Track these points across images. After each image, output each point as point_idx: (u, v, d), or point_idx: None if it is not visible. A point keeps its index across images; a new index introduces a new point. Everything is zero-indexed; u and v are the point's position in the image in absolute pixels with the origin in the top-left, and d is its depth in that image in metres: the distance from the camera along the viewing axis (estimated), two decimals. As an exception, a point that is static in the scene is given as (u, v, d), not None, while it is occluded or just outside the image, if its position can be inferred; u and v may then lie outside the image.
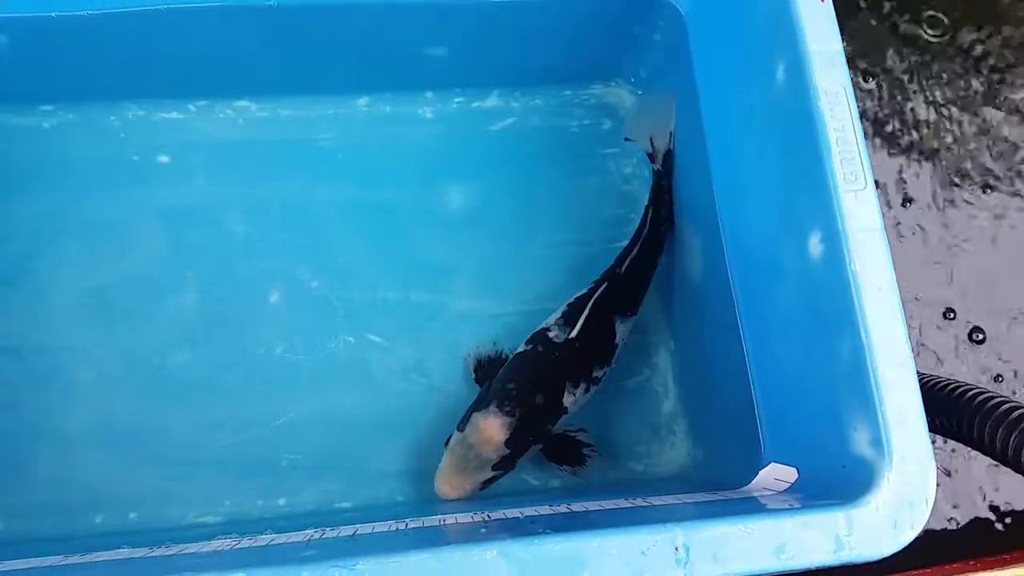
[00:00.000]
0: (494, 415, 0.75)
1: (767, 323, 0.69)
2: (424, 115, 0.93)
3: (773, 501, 0.62)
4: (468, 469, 0.75)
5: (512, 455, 0.75)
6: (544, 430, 0.77)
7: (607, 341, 0.80)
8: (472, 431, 0.75)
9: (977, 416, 0.69)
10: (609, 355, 0.80)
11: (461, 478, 0.75)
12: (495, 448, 0.74)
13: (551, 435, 0.78)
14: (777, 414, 0.69)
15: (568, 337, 0.78)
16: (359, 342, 0.85)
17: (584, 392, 0.78)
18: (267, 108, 0.91)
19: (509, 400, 0.75)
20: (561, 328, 0.79)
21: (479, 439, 0.74)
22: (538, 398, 0.76)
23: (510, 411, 0.75)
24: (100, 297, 0.84)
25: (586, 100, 0.94)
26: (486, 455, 0.74)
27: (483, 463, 0.75)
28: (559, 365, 0.77)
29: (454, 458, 0.75)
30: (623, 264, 0.82)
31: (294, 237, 0.87)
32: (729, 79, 0.75)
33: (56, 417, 0.80)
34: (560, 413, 0.77)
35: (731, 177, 0.75)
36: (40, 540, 0.76)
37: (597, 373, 0.79)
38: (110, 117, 0.88)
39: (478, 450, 0.74)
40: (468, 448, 0.75)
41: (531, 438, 0.77)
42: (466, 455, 0.75)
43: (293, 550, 0.57)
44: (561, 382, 0.77)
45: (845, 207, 0.60)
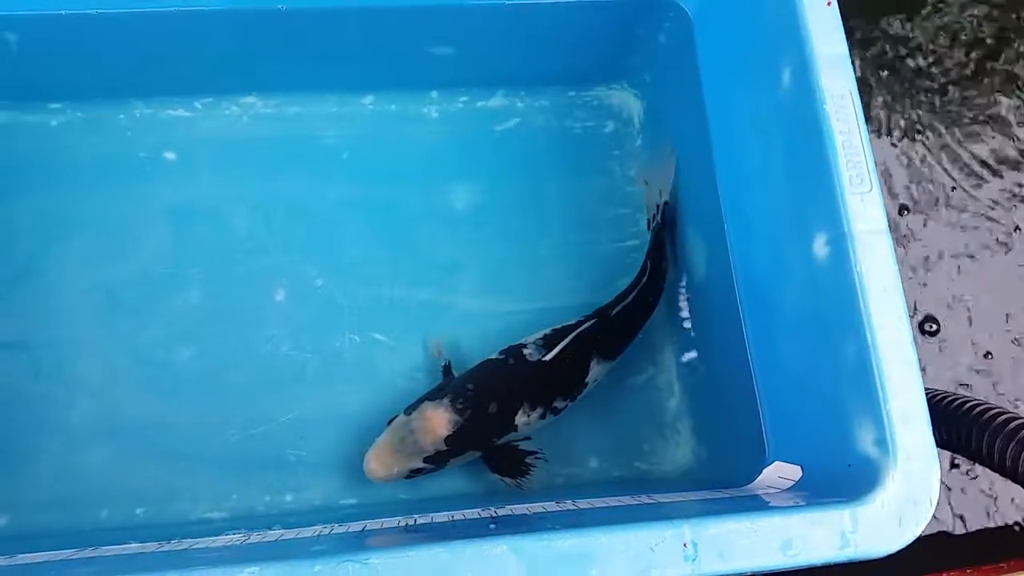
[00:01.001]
0: (444, 409, 0.75)
1: (771, 323, 0.70)
2: (429, 114, 0.93)
3: (778, 499, 0.63)
4: (401, 453, 0.75)
5: (447, 453, 0.75)
6: (487, 440, 0.77)
7: (578, 377, 0.79)
8: (418, 417, 0.75)
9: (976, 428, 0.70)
10: (575, 391, 0.79)
11: (391, 459, 0.74)
12: (434, 440, 0.74)
13: (493, 447, 0.78)
14: (781, 413, 0.70)
15: (540, 359, 0.78)
16: (364, 340, 0.85)
17: (539, 418, 0.78)
18: (272, 105, 0.91)
19: (464, 400, 0.76)
20: (537, 349, 0.79)
21: (421, 427, 0.75)
22: (492, 407, 0.76)
23: (460, 410, 0.75)
24: (106, 293, 0.84)
25: (590, 102, 0.95)
26: (423, 444, 0.74)
27: (417, 451, 0.74)
28: (523, 383, 0.77)
29: (391, 438, 0.75)
30: (615, 308, 0.82)
31: (299, 235, 0.88)
32: (735, 82, 0.76)
33: (62, 412, 0.81)
34: (509, 429, 0.77)
35: (736, 179, 0.76)
36: (46, 535, 0.77)
37: (558, 404, 0.79)
38: (117, 115, 0.89)
39: (417, 437, 0.74)
40: (408, 432, 0.75)
41: (472, 444, 0.76)
42: (404, 438, 0.75)
43: (304, 545, 0.58)
44: (520, 400, 0.77)
45: (851, 209, 0.61)
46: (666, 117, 0.90)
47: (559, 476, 0.83)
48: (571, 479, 0.83)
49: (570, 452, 0.84)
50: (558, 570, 0.52)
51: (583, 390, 0.80)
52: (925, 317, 0.96)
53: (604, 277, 0.89)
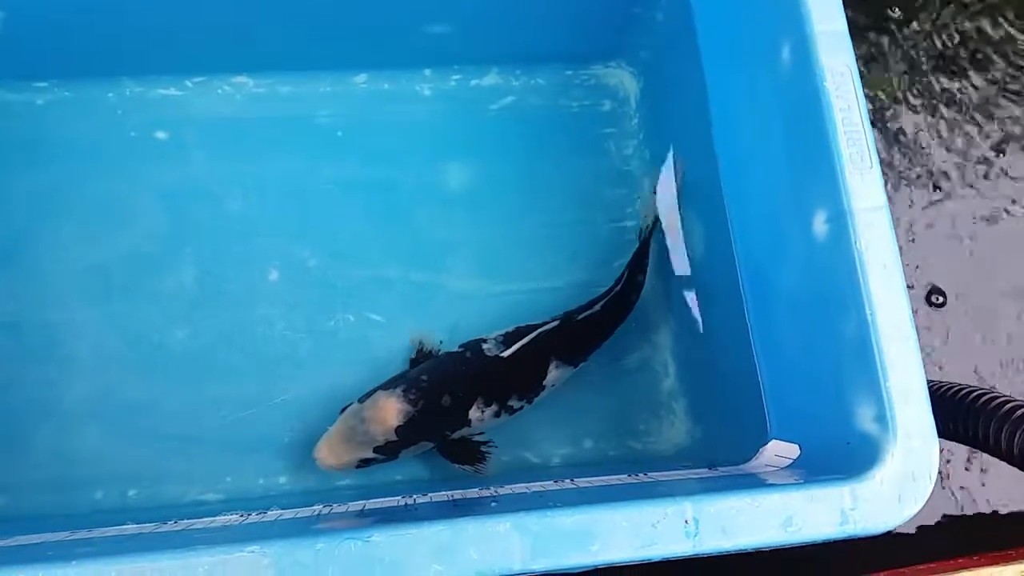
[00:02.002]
0: (396, 398, 0.75)
1: (772, 302, 0.70)
2: (422, 92, 0.92)
3: (776, 477, 0.63)
4: (352, 442, 0.74)
5: (399, 444, 0.75)
6: (439, 432, 0.77)
7: (535, 378, 0.78)
8: (370, 407, 0.75)
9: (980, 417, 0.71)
10: (533, 392, 0.78)
11: (342, 448, 0.74)
12: (385, 430, 0.74)
13: (446, 440, 0.78)
14: (780, 392, 0.70)
15: (498, 355, 0.77)
16: (359, 320, 0.85)
17: (494, 415, 0.77)
18: (265, 84, 0.90)
19: (417, 390, 0.75)
20: (497, 345, 0.78)
21: (373, 416, 0.74)
22: (445, 400, 0.75)
23: (413, 401, 0.75)
24: (99, 274, 0.83)
25: (587, 80, 0.94)
26: (374, 434, 0.74)
27: (368, 441, 0.74)
28: (478, 378, 0.76)
29: (343, 427, 0.75)
30: (581, 313, 0.81)
31: (293, 215, 0.87)
32: (733, 59, 0.76)
33: (55, 393, 0.80)
34: (462, 423, 0.77)
35: (736, 157, 0.76)
36: (40, 517, 0.76)
37: (514, 403, 0.78)
38: (107, 94, 0.87)
39: (368, 427, 0.74)
40: (360, 421, 0.74)
41: (424, 435, 0.76)
42: (355, 428, 0.74)
43: (303, 524, 0.58)
44: (474, 395, 0.76)
45: (851, 187, 0.61)
46: (664, 96, 0.90)
47: (555, 456, 0.83)
48: (567, 459, 0.83)
49: (565, 432, 0.84)
50: (561, 547, 0.52)
51: (540, 392, 0.79)
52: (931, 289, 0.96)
53: (600, 257, 0.89)
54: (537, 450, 0.83)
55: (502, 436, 0.82)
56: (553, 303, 0.86)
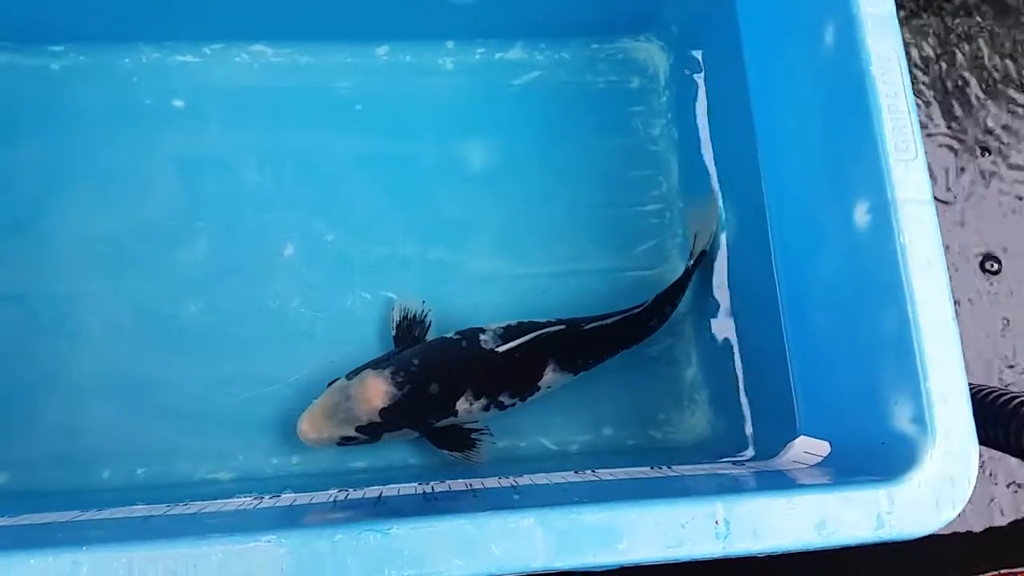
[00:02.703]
0: (384, 380, 0.73)
1: (806, 291, 0.68)
2: (445, 66, 0.90)
3: (805, 475, 0.61)
4: (334, 418, 0.72)
5: (381, 426, 0.73)
6: (424, 420, 0.75)
7: (531, 378, 0.76)
8: (356, 384, 0.73)
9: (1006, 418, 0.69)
10: (526, 391, 0.76)
11: (324, 423, 0.72)
12: (368, 411, 0.72)
13: (431, 429, 0.76)
14: (811, 386, 0.68)
15: (494, 349, 0.75)
16: (376, 299, 0.83)
17: (483, 408, 0.75)
18: (284, 54, 0.87)
19: (406, 374, 0.73)
20: (495, 338, 0.75)
21: (358, 395, 0.72)
22: (433, 387, 0.73)
23: (400, 384, 0.73)
24: (110, 244, 0.81)
25: (614, 55, 0.91)
26: (357, 412, 0.72)
27: (350, 419, 0.72)
28: (470, 370, 0.74)
29: (327, 401, 0.73)
30: (590, 323, 0.77)
31: (310, 188, 0.85)
32: (771, 38, 0.73)
33: (63, 367, 0.78)
34: (449, 414, 0.74)
35: (773, 139, 0.73)
36: (46, 493, 0.75)
37: (505, 399, 0.75)
38: (123, 59, 0.85)
39: (352, 404, 0.72)
40: (345, 398, 0.73)
41: (408, 421, 0.74)
42: (339, 404, 0.73)
43: (319, 511, 0.56)
44: (464, 386, 0.74)
45: (895, 177, 0.58)
46: (695, 73, 0.87)
47: (573, 443, 0.81)
48: (585, 446, 0.81)
49: (584, 419, 0.82)
50: (586, 544, 0.50)
51: (535, 393, 0.77)
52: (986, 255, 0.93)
53: (624, 241, 0.86)
54: (555, 437, 0.81)
55: (519, 421, 0.80)
56: (575, 288, 0.85)
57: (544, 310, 0.83)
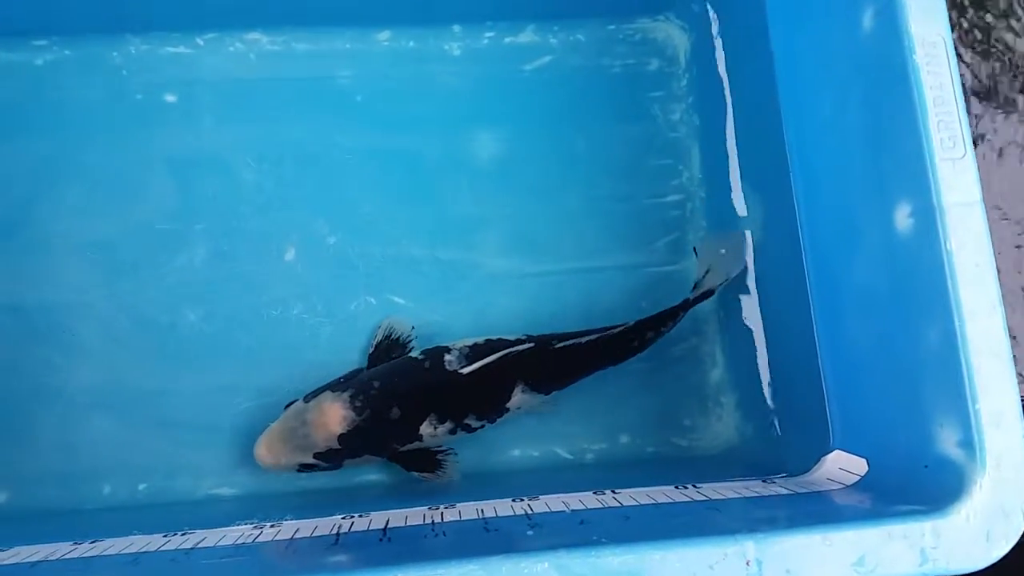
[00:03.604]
0: (342, 404, 0.69)
1: (841, 297, 0.63)
2: (451, 52, 0.85)
3: (843, 498, 0.57)
4: (290, 444, 0.69)
5: (341, 453, 0.69)
6: (387, 446, 0.71)
7: (498, 400, 0.71)
8: (313, 409, 0.69)
9: None
10: (494, 413, 0.72)
11: (280, 449, 0.69)
12: (326, 437, 0.69)
13: (396, 453, 0.71)
14: (846, 397, 0.63)
15: (458, 371, 0.70)
16: (381, 303, 0.79)
17: (448, 432, 0.71)
18: (280, 42, 0.83)
19: (366, 398, 0.69)
20: (460, 358, 0.71)
21: (315, 420, 0.69)
22: (394, 412, 0.69)
23: (360, 409, 0.69)
24: (104, 250, 0.77)
25: (631, 36, 0.86)
26: (314, 439, 0.69)
27: (307, 445, 0.69)
28: (434, 392, 0.70)
29: (284, 426, 0.70)
30: (562, 342, 0.72)
31: (310, 187, 0.80)
32: (804, 18, 0.67)
33: (60, 379, 0.75)
34: (412, 439, 0.70)
35: (804, 131, 0.68)
36: (46, 513, 0.72)
37: (472, 422, 0.71)
38: (111, 52, 0.81)
39: (309, 430, 0.69)
40: (301, 423, 0.69)
41: (369, 448, 0.70)
42: (296, 429, 0.69)
43: (322, 549, 0.53)
44: (427, 410, 0.70)
45: (941, 177, 0.53)
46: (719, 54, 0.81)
47: (589, 452, 0.78)
48: (602, 455, 0.77)
49: (601, 425, 0.78)
50: (606, 591, 0.46)
51: (504, 415, 0.72)
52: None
53: (642, 235, 0.82)
54: (570, 445, 0.78)
55: (532, 427, 0.77)
56: (592, 284, 0.80)
57: (560, 309, 0.80)
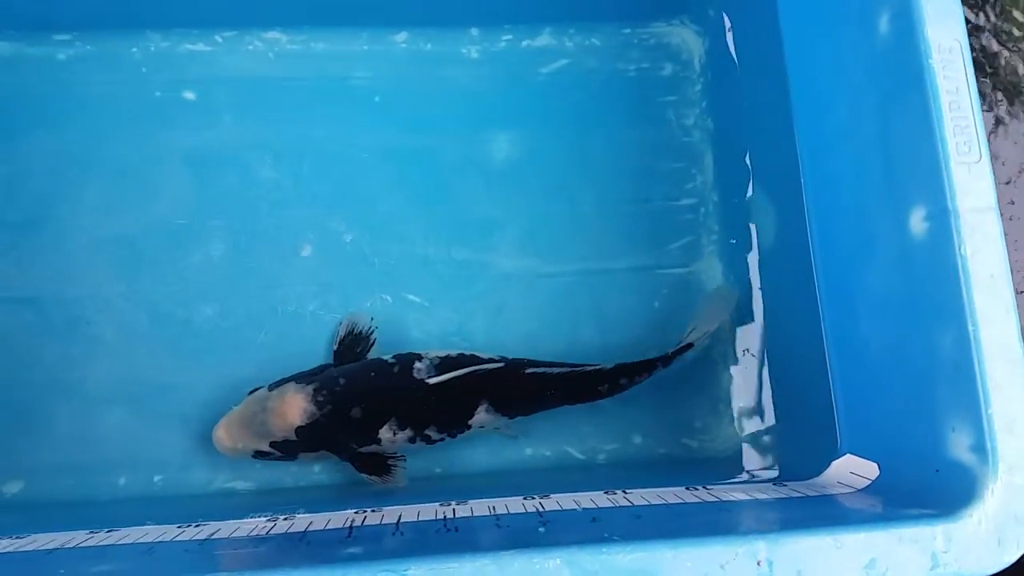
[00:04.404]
0: (304, 397, 0.69)
1: (853, 301, 0.63)
2: (468, 54, 0.85)
3: (854, 501, 0.57)
4: (248, 429, 0.69)
5: (297, 445, 0.69)
6: (345, 445, 0.71)
7: (460, 415, 0.71)
8: (275, 397, 0.70)
9: None
10: (455, 428, 0.72)
11: (239, 434, 0.69)
12: (284, 427, 0.69)
13: (354, 453, 0.72)
14: (857, 401, 0.63)
15: (425, 380, 0.70)
16: (397, 301, 0.79)
17: (407, 440, 0.71)
18: (299, 41, 0.84)
19: (329, 394, 0.69)
20: (429, 368, 0.70)
21: (274, 408, 0.69)
22: (355, 412, 0.69)
23: (321, 404, 0.69)
24: (123, 245, 0.78)
25: (646, 40, 0.86)
26: (272, 427, 0.69)
27: (265, 433, 0.69)
28: (397, 398, 0.70)
29: (244, 412, 0.70)
30: (531, 367, 0.72)
31: (327, 185, 0.81)
32: (819, 22, 0.67)
33: (77, 372, 0.76)
34: (371, 441, 0.70)
35: (817, 135, 0.68)
36: (60, 504, 0.73)
37: (432, 433, 0.71)
38: (131, 48, 0.81)
39: (268, 417, 0.69)
40: (261, 410, 0.69)
41: (325, 444, 0.71)
42: (255, 415, 0.69)
43: (335, 541, 0.53)
44: (388, 414, 0.70)
45: (956, 182, 0.54)
46: (733, 59, 0.82)
47: (601, 452, 0.78)
48: (613, 455, 0.78)
49: (613, 426, 0.78)
50: (617, 588, 0.46)
51: (465, 431, 0.72)
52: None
53: (656, 238, 0.82)
54: (582, 445, 0.78)
55: (545, 427, 0.77)
56: (605, 286, 0.81)
57: (573, 311, 0.80)
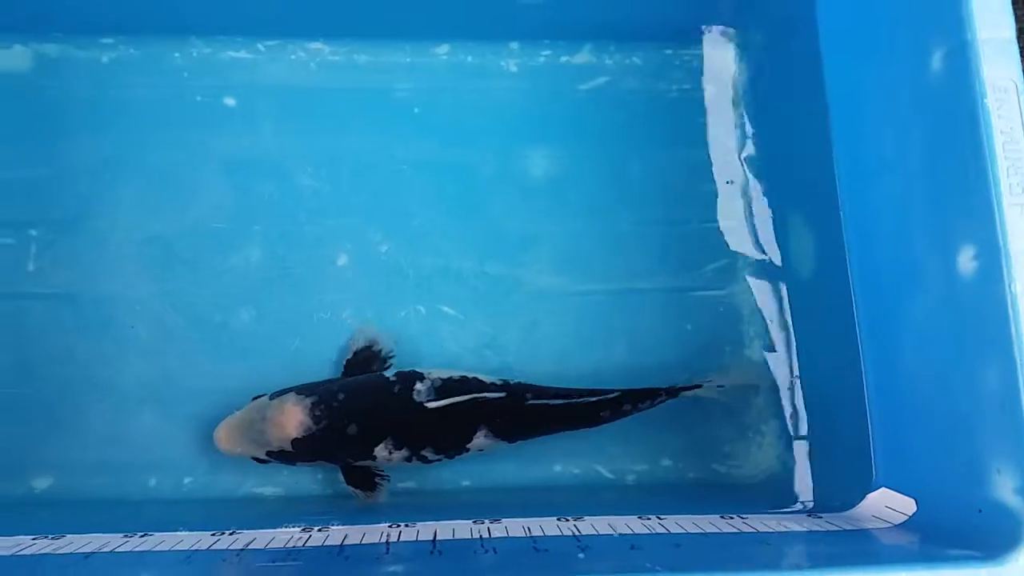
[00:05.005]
0: (302, 410, 0.70)
1: (894, 334, 0.63)
2: (508, 68, 0.85)
3: (892, 537, 0.57)
4: (247, 436, 0.70)
5: (293, 455, 0.70)
6: (339, 458, 0.72)
7: (459, 439, 0.71)
8: (275, 407, 0.70)
9: None
10: (452, 450, 0.72)
11: (238, 438, 0.70)
12: (280, 438, 0.69)
13: (349, 466, 0.72)
14: (895, 435, 0.63)
15: (424, 403, 0.70)
16: (430, 313, 0.80)
17: (404, 459, 0.71)
18: (341, 52, 0.84)
19: (327, 408, 0.70)
20: (430, 390, 0.71)
21: (272, 418, 0.69)
22: (352, 428, 0.70)
23: (319, 418, 0.69)
24: (161, 247, 0.79)
25: (688, 61, 0.86)
26: (269, 437, 0.69)
27: (262, 441, 0.70)
28: (395, 419, 0.70)
29: (244, 418, 0.71)
30: (534, 399, 0.72)
31: (365, 195, 0.81)
32: (866, 55, 0.67)
33: (111, 371, 0.76)
34: (366, 457, 0.71)
35: (860, 166, 0.68)
36: (90, 501, 0.74)
37: (428, 455, 0.71)
38: (173, 53, 0.82)
39: (266, 427, 0.69)
40: (261, 419, 0.70)
41: (321, 456, 0.71)
42: (254, 423, 0.70)
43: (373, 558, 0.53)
44: (384, 433, 0.70)
45: (1008, 223, 0.53)
46: (774, 84, 0.82)
47: (630, 473, 0.78)
48: (642, 477, 0.78)
49: (643, 448, 0.78)
50: (658, 619, 0.46)
51: (463, 454, 0.72)
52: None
53: (690, 260, 0.82)
54: (611, 465, 0.78)
55: (576, 446, 0.77)
56: (638, 306, 0.81)
57: (606, 329, 0.80)
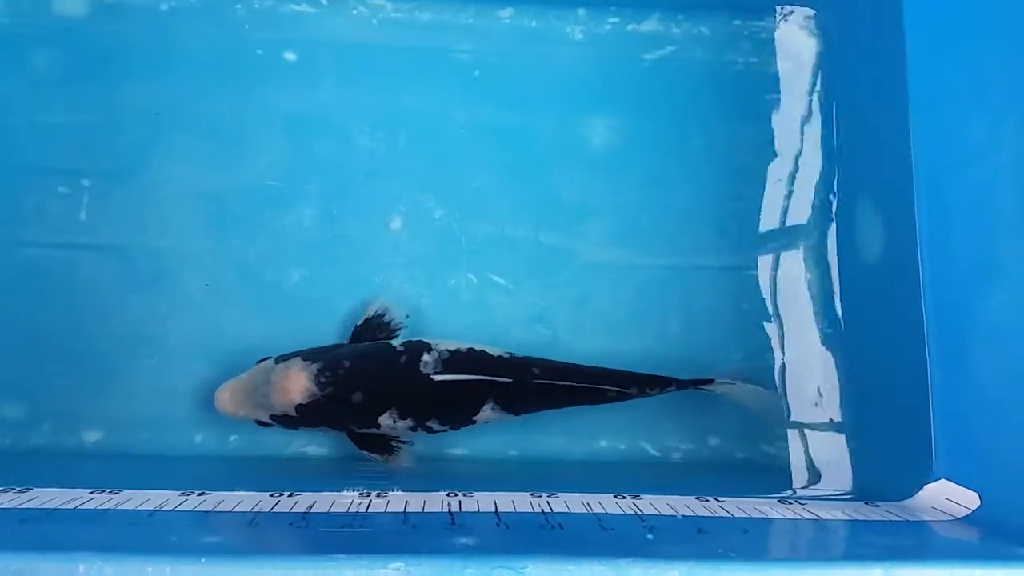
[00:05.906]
0: (307, 376, 0.69)
1: (965, 327, 0.62)
2: (572, 35, 0.83)
3: (951, 531, 0.57)
4: (250, 398, 0.70)
5: (297, 420, 0.70)
6: (343, 425, 0.72)
7: (466, 411, 0.71)
8: (280, 371, 0.70)
9: None
10: (459, 422, 0.72)
11: (240, 400, 0.70)
12: (284, 403, 0.69)
13: (353, 433, 0.72)
14: (960, 428, 0.62)
15: (430, 375, 0.69)
16: (482, 282, 0.79)
17: (408, 428, 0.71)
18: (404, 9, 0.82)
19: (332, 375, 0.69)
20: (437, 362, 0.70)
21: (277, 383, 0.69)
22: (357, 396, 0.69)
23: (323, 384, 0.69)
24: (214, 202, 0.78)
25: (757, 33, 0.84)
26: (272, 401, 0.69)
27: (265, 405, 0.69)
28: (401, 389, 0.70)
29: (248, 381, 0.70)
30: (538, 379, 0.71)
31: (421, 159, 0.80)
32: (956, 41, 0.65)
33: (160, 327, 0.76)
34: (370, 424, 0.70)
35: (941, 154, 0.66)
36: (138, 456, 0.74)
37: (433, 425, 0.71)
38: (235, 5, 0.80)
39: (270, 391, 0.69)
40: (265, 383, 0.70)
41: (325, 422, 0.71)
42: (258, 386, 0.70)
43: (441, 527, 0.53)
44: (390, 403, 0.69)
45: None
46: (847, 62, 0.80)
47: (676, 451, 0.77)
48: (688, 455, 0.77)
49: (691, 426, 0.78)
50: (732, 604, 0.46)
51: (469, 425, 0.72)
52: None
53: (751, 238, 0.81)
54: (658, 442, 0.78)
55: (620, 421, 0.77)
56: (694, 283, 0.80)
57: (660, 305, 0.80)
